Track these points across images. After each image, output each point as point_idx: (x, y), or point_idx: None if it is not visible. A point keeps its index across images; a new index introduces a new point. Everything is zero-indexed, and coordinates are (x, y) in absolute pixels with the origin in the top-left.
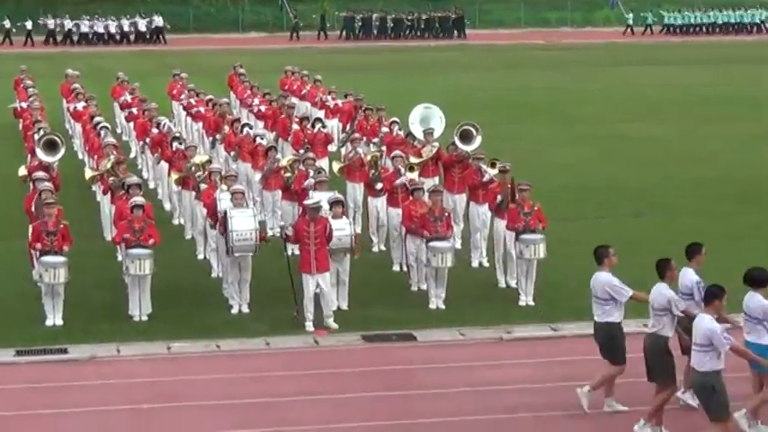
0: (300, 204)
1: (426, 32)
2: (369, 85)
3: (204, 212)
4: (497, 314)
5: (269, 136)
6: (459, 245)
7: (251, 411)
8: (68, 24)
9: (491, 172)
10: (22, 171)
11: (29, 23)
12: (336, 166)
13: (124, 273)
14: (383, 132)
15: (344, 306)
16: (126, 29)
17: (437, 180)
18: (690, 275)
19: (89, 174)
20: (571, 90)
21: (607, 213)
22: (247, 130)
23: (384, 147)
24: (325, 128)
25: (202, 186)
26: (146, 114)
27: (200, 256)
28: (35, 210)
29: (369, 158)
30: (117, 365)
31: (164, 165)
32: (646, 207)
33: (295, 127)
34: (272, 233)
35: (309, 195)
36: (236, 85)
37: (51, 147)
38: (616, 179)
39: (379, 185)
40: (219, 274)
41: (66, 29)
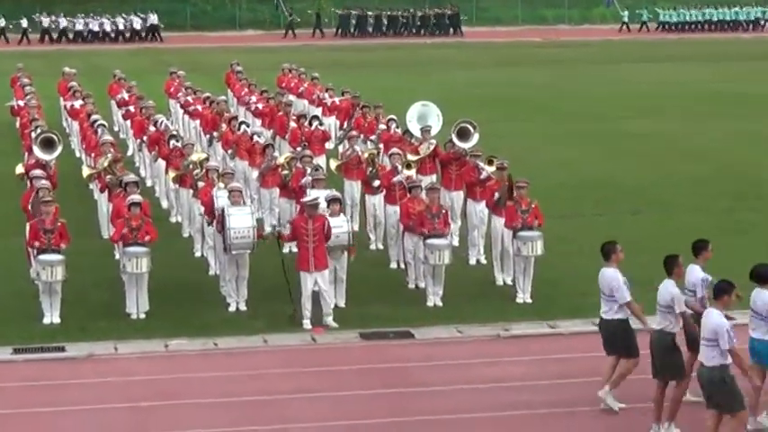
0: (298, 202)
1: (422, 29)
2: (366, 83)
3: (202, 210)
4: (495, 311)
5: (266, 134)
6: (456, 242)
7: (249, 409)
8: (63, 22)
9: (488, 169)
10: (19, 169)
11: (24, 21)
12: (334, 164)
13: (121, 270)
14: (380, 130)
15: (342, 304)
16: (121, 27)
17: (435, 177)
18: (696, 272)
19: (86, 172)
20: (568, 87)
21: (605, 211)
22: (244, 128)
23: (381, 144)
24: (322, 125)
25: (200, 184)
26: (143, 112)
27: (197, 254)
28: (32, 208)
29: (366, 156)
30: (114, 363)
31: (161, 162)
32: (643, 204)
33: (292, 125)
34: (270, 230)
35: (307, 193)
36: (233, 83)
37: (48, 145)
38: (614, 176)
39: (376, 183)
40: (217, 272)
41: (61, 27)
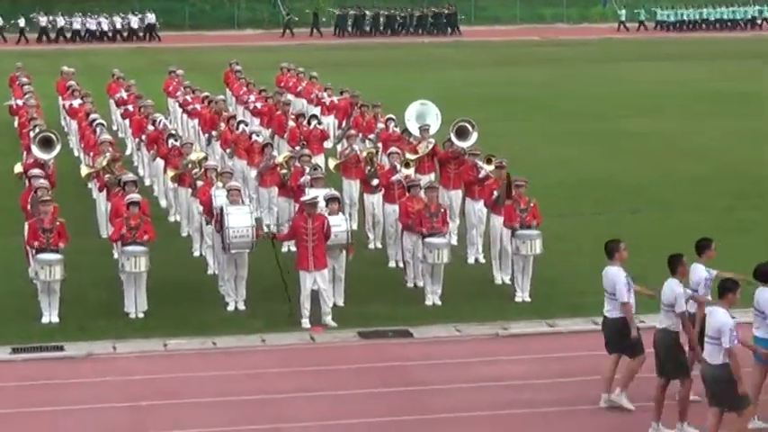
0: (296, 201)
1: (419, 29)
2: (364, 82)
3: (200, 209)
4: (493, 310)
5: (265, 133)
6: (455, 241)
7: (247, 408)
8: (61, 21)
9: (487, 168)
10: (18, 168)
11: (21, 21)
12: (332, 163)
13: (120, 270)
14: (379, 129)
15: (341, 303)
16: (119, 26)
17: (433, 176)
18: (699, 271)
19: (85, 171)
20: (567, 86)
21: (603, 210)
22: (243, 127)
23: (380, 143)
24: (320, 125)
25: (198, 183)
26: (141, 111)
27: (196, 254)
28: (31, 207)
29: (365, 155)
30: (113, 363)
31: (159, 162)
32: (642, 203)
33: (291, 124)
34: (265, 231)
35: (306, 192)
36: (231, 82)
37: (47, 144)
38: (613, 175)
39: (375, 182)
40: (215, 271)
41: (58, 26)
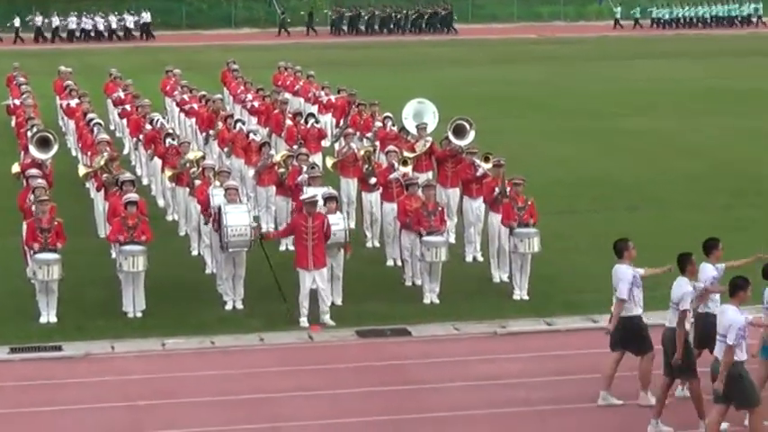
0: (294, 200)
1: (414, 29)
2: (361, 81)
3: (198, 209)
4: (491, 308)
5: (262, 132)
6: (452, 239)
7: (245, 407)
8: (56, 21)
9: (485, 166)
10: (15, 168)
11: (17, 21)
12: (330, 162)
13: (118, 269)
14: (376, 127)
15: (339, 301)
16: (114, 26)
17: (431, 175)
18: (707, 271)
19: (82, 171)
20: (563, 84)
21: (601, 208)
22: (240, 126)
23: (377, 142)
24: (318, 123)
25: (196, 183)
26: (139, 111)
27: (194, 253)
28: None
29: (362, 153)
30: (111, 362)
31: (157, 161)
32: (640, 201)
33: (288, 122)
34: (266, 228)
35: (304, 191)
36: (229, 81)
37: (44, 144)
38: (609, 173)
39: (372, 180)
40: (213, 271)
41: (53, 26)
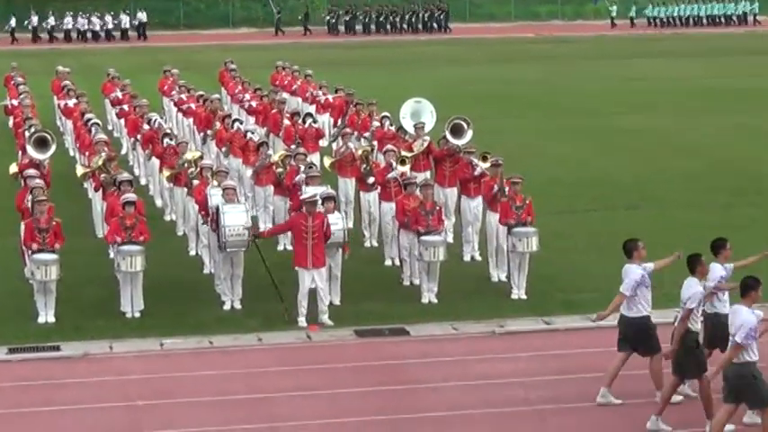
0: (292, 199)
1: (410, 28)
2: (359, 81)
3: (196, 209)
4: (490, 308)
5: (260, 131)
6: (451, 239)
7: (244, 407)
8: (52, 21)
9: (482, 165)
10: (13, 168)
11: (13, 21)
12: (328, 161)
13: (116, 269)
14: (374, 127)
15: (337, 301)
16: (110, 26)
17: (429, 174)
18: (717, 271)
19: (80, 171)
20: (561, 83)
21: (600, 207)
22: (238, 126)
23: (375, 141)
24: (316, 123)
25: (194, 183)
26: (137, 111)
27: (192, 253)
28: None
29: (360, 153)
30: (110, 362)
31: (155, 161)
32: (639, 200)
33: (286, 122)
34: (265, 228)
35: (302, 190)
36: (227, 81)
37: (42, 144)
38: (607, 172)
39: (370, 180)
40: (212, 271)
41: (50, 26)
